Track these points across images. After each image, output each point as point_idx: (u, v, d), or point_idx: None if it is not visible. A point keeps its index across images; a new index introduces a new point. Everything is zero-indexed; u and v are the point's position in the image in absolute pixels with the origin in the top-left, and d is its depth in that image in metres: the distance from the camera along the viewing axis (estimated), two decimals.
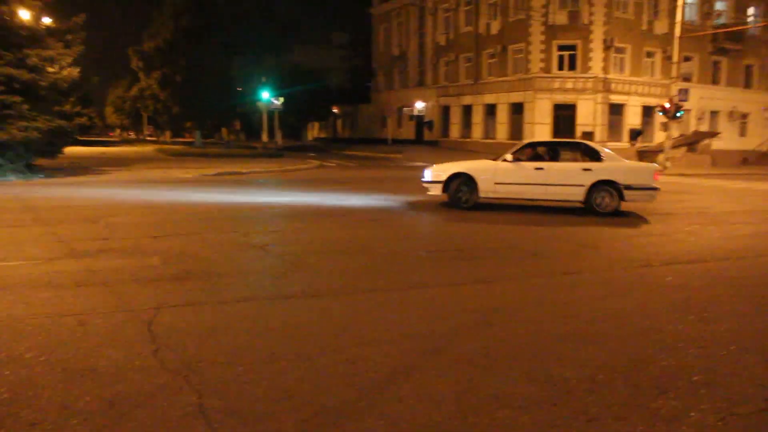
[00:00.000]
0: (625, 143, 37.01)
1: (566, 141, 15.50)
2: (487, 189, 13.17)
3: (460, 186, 13.26)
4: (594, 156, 13.19)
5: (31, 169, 20.99)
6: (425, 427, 3.54)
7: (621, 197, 12.85)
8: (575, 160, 13.56)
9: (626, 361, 4.60)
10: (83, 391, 3.87)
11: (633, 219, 12.59)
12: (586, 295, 6.52)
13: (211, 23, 48.49)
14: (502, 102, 40.43)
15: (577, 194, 13.06)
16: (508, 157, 13.12)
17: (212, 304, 5.80)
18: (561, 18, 36.30)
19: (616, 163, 13.12)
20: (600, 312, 5.88)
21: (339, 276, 7.10)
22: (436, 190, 13.52)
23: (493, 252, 8.84)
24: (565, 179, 12.98)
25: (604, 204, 12.90)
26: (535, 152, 13.54)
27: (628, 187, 12.80)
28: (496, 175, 13.12)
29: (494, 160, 13.49)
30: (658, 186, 13.02)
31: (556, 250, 9.09)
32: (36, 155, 21.64)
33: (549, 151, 13.71)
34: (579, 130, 36.44)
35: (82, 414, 3.57)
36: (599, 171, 12.87)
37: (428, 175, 13.65)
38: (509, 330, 5.26)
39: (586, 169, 12.94)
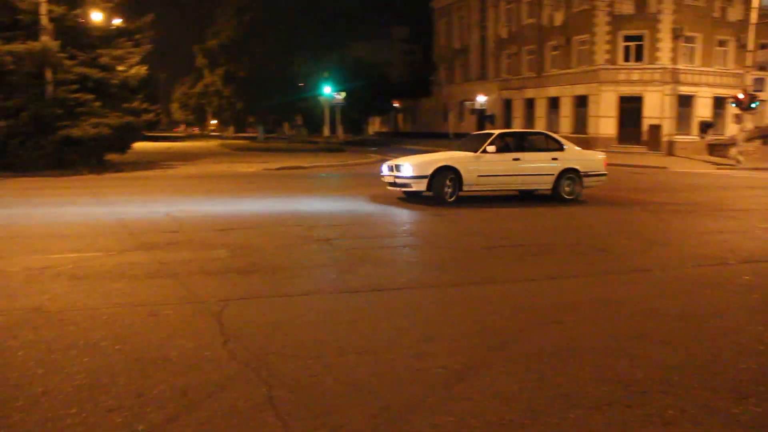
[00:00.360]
0: (694, 136, 35.78)
1: (532, 131, 15.76)
2: (471, 182, 12.81)
3: (445, 180, 12.58)
4: (557, 145, 13.89)
5: (102, 164, 21.73)
6: (495, 426, 3.47)
7: (581, 184, 13.63)
8: (541, 149, 13.83)
9: (703, 363, 4.41)
10: (157, 379, 3.95)
11: (700, 214, 12.14)
12: (657, 293, 6.30)
13: (274, 20, 49.17)
14: (566, 95, 39.63)
15: (548, 183, 13.54)
16: (490, 148, 12.83)
17: (279, 297, 5.85)
18: (627, 8, 35.28)
19: (575, 152, 14.00)
20: (673, 311, 5.67)
21: (404, 270, 7.07)
22: (419, 186, 12.62)
23: (556, 248, 8.65)
24: (539, 169, 13.41)
25: (570, 191, 13.57)
26: (505, 143, 13.54)
27: (586, 174, 13.73)
28: (479, 167, 12.79)
29: (467, 151, 13.22)
30: (606, 173, 14.27)
31: (623, 246, 8.84)
32: (106, 150, 22.39)
33: (518, 142, 13.76)
34: (645, 123, 35.41)
35: (156, 402, 3.65)
36: (564, 160, 13.56)
37: (406, 170, 12.65)
38: (579, 328, 5.13)
39: (554, 159, 13.52)
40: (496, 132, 14.00)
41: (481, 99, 48.05)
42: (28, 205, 12.16)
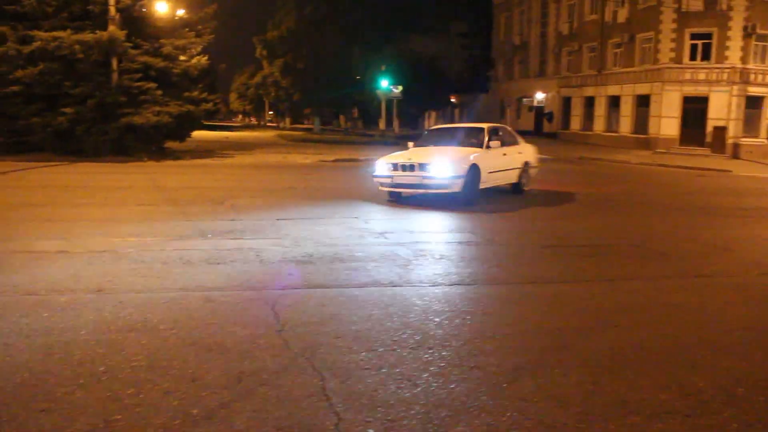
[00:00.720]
0: (762, 139, 34.44)
1: (502, 126, 15.32)
2: (484, 179, 12.17)
3: (476, 178, 11.84)
4: (515, 139, 14.22)
5: (162, 151, 22.26)
6: (550, 428, 3.39)
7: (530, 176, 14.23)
8: (510, 143, 13.77)
9: None
10: (212, 365, 3.99)
11: (766, 220, 11.68)
12: (720, 301, 6.07)
13: (334, 12, 49.44)
14: (627, 94, 38.61)
15: (516, 176, 13.66)
16: (494, 143, 12.55)
17: (334, 288, 5.86)
18: (696, 4, 34.10)
19: (526, 145, 14.48)
20: (737, 320, 5.45)
21: (461, 266, 7.00)
22: (456, 186, 11.32)
23: (616, 250, 8.44)
24: (515, 162, 13.57)
25: (526, 183, 13.99)
26: (496, 138, 13.04)
27: (533, 167, 14.38)
28: (488, 163, 12.27)
29: (468, 146, 12.57)
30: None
31: (684, 250, 8.56)
32: (167, 138, 22.93)
33: (500, 136, 13.35)
34: (710, 124, 34.21)
35: (211, 387, 3.69)
36: (525, 153, 14.04)
37: (441, 169, 11.25)
38: (637, 332, 4.97)
39: (519, 152, 13.84)
40: (485, 126, 13.46)
41: (539, 96, 47.39)
42: (90, 190, 12.52)
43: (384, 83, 40.66)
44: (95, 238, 7.76)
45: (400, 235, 8.68)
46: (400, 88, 40.90)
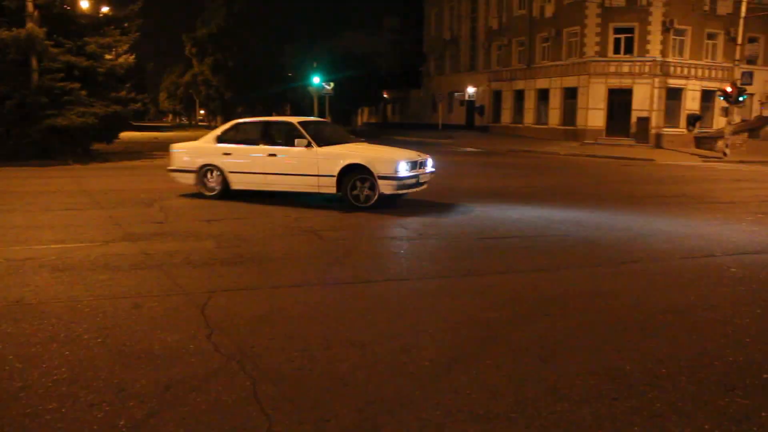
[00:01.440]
0: (681, 129, 35.85)
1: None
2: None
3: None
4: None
5: (88, 154, 21.54)
6: (483, 419, 3.43)
7: None
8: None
9: (690, 355, 4.39)
10: (139, 373, 3.88)
11: (687, 206, 12.15)
12: (645, 286, 6.27)
13: (264, 9, 48.82)
14: (556, 87, 39.57)
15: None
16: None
17: (265, 289, 5.79)
18: (618, 0, 35.26)
19: None
20: (661, 303, 5.65)
21: (392, 262, 7.02)
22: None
23: (545, 239, 8.62)
24: None
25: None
26: None
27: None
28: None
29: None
30: None
31: (612, 237, 8.81)
32: (93, 140, 22.19)
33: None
34: (634, 115, 35.41)
35: (138, 396, 3.58)
36: None
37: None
38: (566, 320, 5.10)
39: None
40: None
41: (470, 90, 48.02)
42: (11, 195, 11.99)
43: (316, 80, 40.44)
44: (15, 246, 7.42)
45: (332, 232, 8.61)
46: (332, 84, 40.75)
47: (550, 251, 7.81)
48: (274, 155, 10.92)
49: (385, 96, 62.80)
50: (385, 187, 10.25)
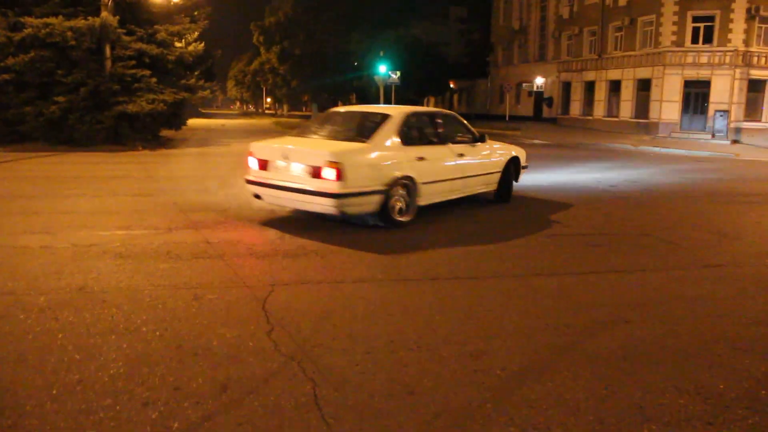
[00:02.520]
0: (764, 122, 34.09)
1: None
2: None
3: None
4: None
5: (157, 140, 21.92)
6: None
7: None
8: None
9: None
10: (196, 371, 3.72)
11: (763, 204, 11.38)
12: (733, 292, 5.79)
13: None
14: (628, 78, 38.20)
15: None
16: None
17: (328, 283, 5.58)
18: None
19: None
20: (753, 313, 5.19)
21: (460, 258, 6.71)
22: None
23: (621, 238, 8.15)
24: None
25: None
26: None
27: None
28: None
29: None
30: None
31: (692, 238, 8.27)
32: (162, 126, 22.56)
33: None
34: (712, 108, 33.85)
35: (193, 396, 3.42)
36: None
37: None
38: (649, 328, 4.71)
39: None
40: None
41: (539, 81, 46.94)
42: (83, 180, 12.21)
43: (382, 69, 40.14)
44: (82, 231, 7.45)
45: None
46: (398, 74, 40.39)
47: (626, 251, 7.36)
48: (463, 155, 9.29)
49: (451, 86, 62.10)
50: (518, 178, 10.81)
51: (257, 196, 8.36)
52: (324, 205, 7.47)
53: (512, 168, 10.59)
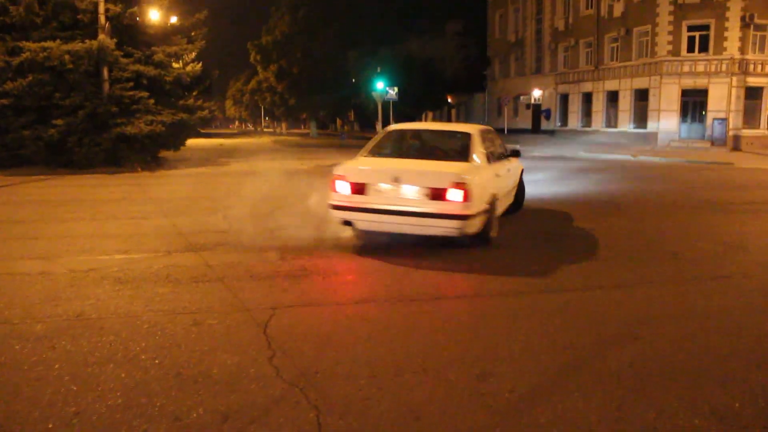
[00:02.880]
0: (763, 130, 34.09)
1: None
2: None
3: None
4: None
5: (156, 161, 21.87)
6: None
7: None
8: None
9: None
10: (196, 400, 3.62)
11: None
12: (743, 306, 5.68)
13: (328, 15, 49.10)
14: (625, 88, 38.25)
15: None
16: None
17: (330, 305, 5.49)
18: None
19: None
20: (766, 327, 5.09)
21: (462, 276, 6.61)
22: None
23: (625, 251, 8.04)
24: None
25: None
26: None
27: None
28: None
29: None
30: None
31: (698, 249, 8.18)
32: (161, 147, 22.52)
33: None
34: (710, 116, 33.87)
35: (194, 428, 3.32)
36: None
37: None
38: (659, 345, 4.60)
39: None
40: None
41: (536, 93, 46.99)
42: (81, 203, 12.14)
43: (379, 85, 40.23)
44: (80, 256, 7.37)
45: (402, 244, 8.25)
46: (396, 89, 40.47)
47: (631, 264, 7.25)
48: (509, 170, 9.48)
49: (449, 100, 62.20)
50: None
51: (348, 223, 7.85)
52: (446, 228, 7.29)
53: (521, 178, 10.72)
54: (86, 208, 11.48)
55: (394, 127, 9.99)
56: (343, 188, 7.74)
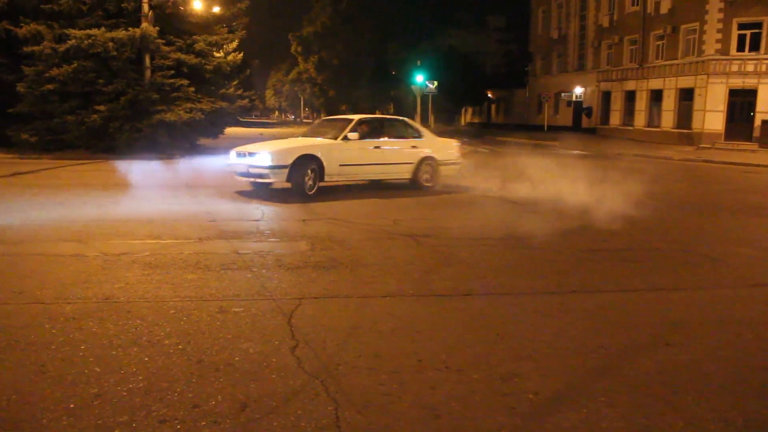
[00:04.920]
0: None
1: (391, 117, 15.09)
2: (333, 171, 11.79)
3: (307, 170, 11.35)
4: (416, 133, 13.65)
5: (194, 148, 22.15)
6: None
7: (439, 173, 13.44)
8: (400, 137, 13.31)
9: None
10: (216, 388, 3.61)
11: None
12: None
13: (369, 7, 49.07)
14: (670, 87, 37.38)
15: (407, 171, 13.08)
16: (353, 135, 12.03)
17: (357, 298, 5.44)
18: None
19: (433, 140, 13.83)
20: None
21: (494, 273, 6.50)
22: (278, 177, 11.17)
23: (662, 254, 7.84)
24: (399, 157, 12.97)
25: (428, 179, 13.28)
26: (366, 129, 12.58)
27: (444, 163, 13.51)
28: (341, 155, 11.88)
29: (328, 138, 12.22)
30: (461, 161, 14.13)
31: (738, 255, 7.91)
32: (199, 135, 22.81)
33: (378, 128, 13.07)
34: (758, 117, 32.88)
35: (211, 415, 3.31)
36: (423, 147, 13.28)
37: (262, 158, 11.12)
38: (692, 352, 4.45)
39: (413, 147, 13.16)
40: (356, 117, 12.97)
41: (578, 90, 46.34)
42: (119, 188, 12.33)
43: (419, 78, 40.07)
44: (114, 240, 7.47)
45: (430, 238, 8.18)
46: (435, 83, 40.27)
47: (667, 268, 7.05)
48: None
49: (489, 96, 61.74)
50: None
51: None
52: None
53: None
54: (124, 192, 11.65)
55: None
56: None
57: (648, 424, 3.39)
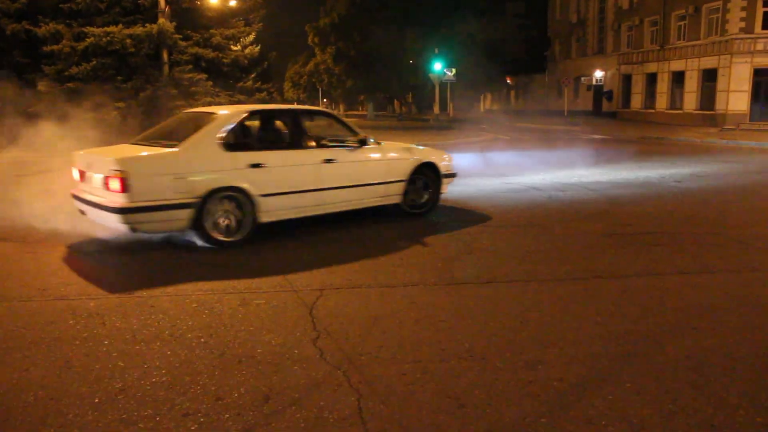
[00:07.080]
0: None
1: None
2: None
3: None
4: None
5: None
6: None
7: None
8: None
9: None
10: (239, 380, 3.61)
11: None
12: None
13: None
14: (692, 68, 36.80)
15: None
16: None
17: (378, 288, 5.41)
18: None
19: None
20: None
21: (517, 260, 6.44)
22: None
23: (687, 237, 7.71)
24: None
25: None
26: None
27: None
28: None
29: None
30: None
31: (765, 237, 7.76)
32: None
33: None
34: None
35: (235, 408, 3.31)
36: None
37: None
38: (721, 337, 4.36)
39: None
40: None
41: (598, 74, 45.81)
42: None
43: (437, 66, 39.78)
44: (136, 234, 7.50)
45: (451, 224, 8.12)
46: (454, 71, 39.96)
47: (693, 251, 6.93)
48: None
49: (508, 82, 61.24)
50: None
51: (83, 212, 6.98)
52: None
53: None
54: None
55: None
56: (74, 175, 7.35)
57: (676, 410, 3.32)
